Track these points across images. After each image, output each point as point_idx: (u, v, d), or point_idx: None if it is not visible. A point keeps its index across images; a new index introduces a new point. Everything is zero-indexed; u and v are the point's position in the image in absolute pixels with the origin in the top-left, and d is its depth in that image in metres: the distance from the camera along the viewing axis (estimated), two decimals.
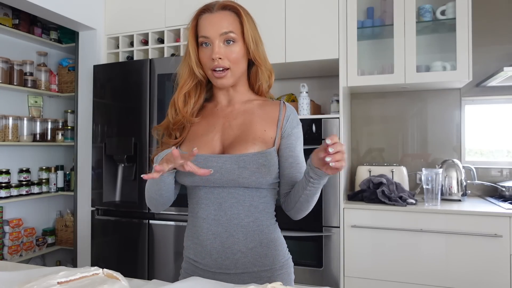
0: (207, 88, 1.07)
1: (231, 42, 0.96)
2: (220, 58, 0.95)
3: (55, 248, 2.99)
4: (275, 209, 1.04)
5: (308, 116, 2.18)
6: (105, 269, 0.76)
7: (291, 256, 1.04)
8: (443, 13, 2.23)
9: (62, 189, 3.01)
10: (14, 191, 2.65)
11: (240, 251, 0.95)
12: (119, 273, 0.75)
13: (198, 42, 0.99)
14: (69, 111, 3.08)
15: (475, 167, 2.37)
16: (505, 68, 2.02)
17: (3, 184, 2.59)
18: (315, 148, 1.01)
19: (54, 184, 2.97)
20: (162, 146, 1.04)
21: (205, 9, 0.99)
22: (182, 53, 2.50)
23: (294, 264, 1.07)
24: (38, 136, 2.86)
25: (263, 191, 0.97)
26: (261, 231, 0.97)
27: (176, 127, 1.02)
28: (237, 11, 0.98)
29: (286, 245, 1.03)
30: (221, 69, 0.96)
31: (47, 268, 0.87)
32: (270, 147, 0.97)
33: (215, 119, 1.03)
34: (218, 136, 1.00)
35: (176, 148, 0.97)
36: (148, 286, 0.81)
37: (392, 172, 2.32)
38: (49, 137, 2.96)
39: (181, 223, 2.18)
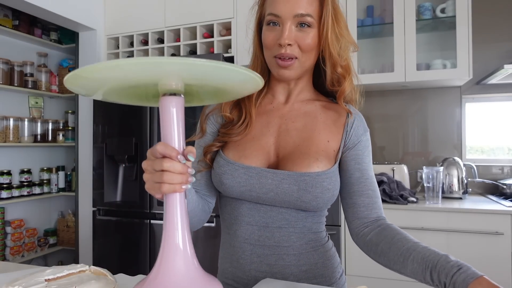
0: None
1: (305, 26, 0.77)
2: (289, 45, 0.77)
3: (57, 248, 3.00)
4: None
5: None
6: (92, 266, 0.76)
7: (343, 268, 0.91)
8: (443, 11, 2.23)
9: (63, 189, 3.02)
10: (15, 192, 2.66)
11: (292, 275, 0.79)
12: (106, 270, 0.75)
13: (264, 21, 0.81)
14: (70, 111, 3.08)
15: (476, 165, 2.37)
16: (505, 66, 2.02)
17: (5, 185, 2.60)
18: None
19: (55, 184, 2.98)
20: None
21: None
22: (182, 53, 2.51)
23: None
24: (39, 137, 2.86)
25: (319, 212, 0.84)
26: (315, 250, 0.82)
27: (230, 106, 0.86)
28: None
29: (339, 259, 0.90)
30: (287, 57, 0.78)
31: (34, 267, 0.87)
32: (333, 163, 0.80)
33: (270, 119, 0.85)
34: (272, 141, 0.82)
35: (219, 150, 0.83)
36: (135, 281, 0.81)
37: (393, 170, 2.32)
38: (50, 138, 2.96)
39: None
